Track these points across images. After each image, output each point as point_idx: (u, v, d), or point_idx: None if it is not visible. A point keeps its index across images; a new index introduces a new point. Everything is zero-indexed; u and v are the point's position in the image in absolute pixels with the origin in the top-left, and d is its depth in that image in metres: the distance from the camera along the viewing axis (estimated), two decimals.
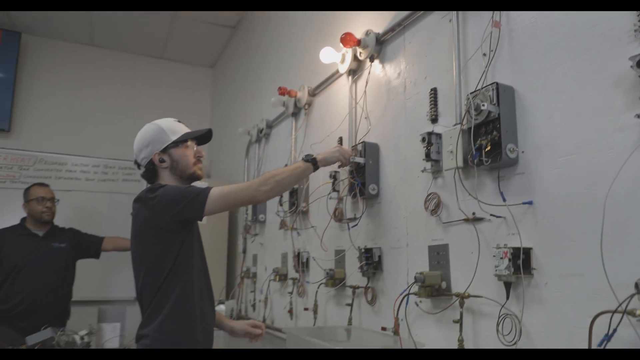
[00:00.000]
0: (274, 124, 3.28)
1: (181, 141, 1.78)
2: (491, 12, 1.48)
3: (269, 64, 3.64)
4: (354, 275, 2.09)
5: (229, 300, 3.03)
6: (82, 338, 2.45)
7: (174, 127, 1.81)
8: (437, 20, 1.76)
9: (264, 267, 3.14)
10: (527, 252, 1.29)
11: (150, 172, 1.80)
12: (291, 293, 2.65)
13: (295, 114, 2.91)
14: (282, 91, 2.81)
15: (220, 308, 2.88)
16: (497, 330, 1.33)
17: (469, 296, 1.43)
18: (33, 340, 2.32)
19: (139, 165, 1.84)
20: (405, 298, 1.56)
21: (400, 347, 1.40)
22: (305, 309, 2.43)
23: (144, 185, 1.82)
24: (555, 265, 1.24)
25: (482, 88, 1.42)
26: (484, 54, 1.50)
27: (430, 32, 1.80)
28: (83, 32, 4.60)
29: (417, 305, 1.65)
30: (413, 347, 1.45)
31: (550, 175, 1.27)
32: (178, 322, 1.62)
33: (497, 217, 1.39)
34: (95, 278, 3.86)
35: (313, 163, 1.78)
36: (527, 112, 1.36)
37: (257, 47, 3.93)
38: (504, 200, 1.37)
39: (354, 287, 2.06)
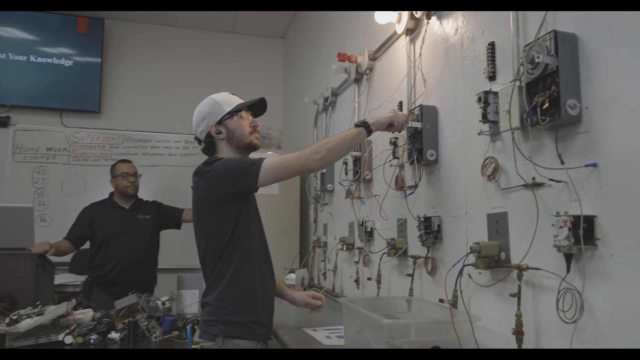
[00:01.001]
0: (338, 91, 3.22)
1: (235, 112, 1.81)
2: None
3: (334, 30, 3.55)
4: (415, 245, 2.02)
5: (299, 269, 3.08)
6: (163, 303, 2.60)
7: (227, 99, 1.84)
8: None
9: (334, 236, 3.15)
10: (590, 220, 1.15)
11: (209, 144, 1.85)
12: (357, 262, 2.64)
13: (357, 80, 2.83)
14: (342, 57, 2.72)
15: (291, 277, 2.94)
16: (557, 307, 1.22)
17: (527, 268, 1.32)
18: (120, 304, 2.51)
19: (199, 141, 1.90)
20: (461, 270, 1.47)
21: (452, 321, 1.33)
22: (369, 279, 2.40)
23: None
24: (622, 236, 1.09)
25: (539, 38, 1.27)
26: None
27: None
28: (159, 13, 4.77)
29: (470, 277, 1.56)
30: (467, 320, 1.37)
31: (617, 133, 1.11)
32: (238, 291, 1.67)
33: (558, 181, 1.25)
34: (176, 247, 4.09)
35: (365, 127, 1.71)
36: (591, 62, 1.19)
37: (323, 14, 3.85)
38: (562, 162, 1.22)
39: (415, 257, 1.99)
